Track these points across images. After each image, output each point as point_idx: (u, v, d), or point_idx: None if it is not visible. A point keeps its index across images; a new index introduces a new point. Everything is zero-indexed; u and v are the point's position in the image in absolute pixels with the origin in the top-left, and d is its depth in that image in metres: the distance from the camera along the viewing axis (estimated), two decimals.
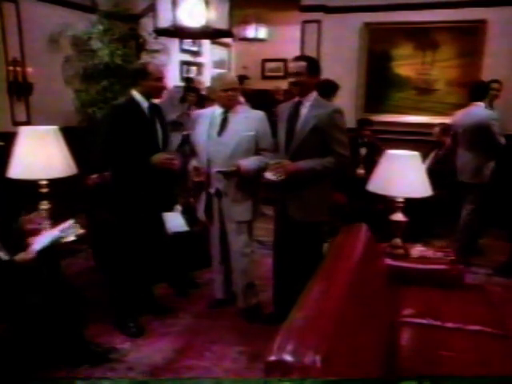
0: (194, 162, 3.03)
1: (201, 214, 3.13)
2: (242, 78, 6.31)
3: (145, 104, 2.87)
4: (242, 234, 3.03)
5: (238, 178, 2.89)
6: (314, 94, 2.80)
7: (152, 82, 2.83)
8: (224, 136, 2.91)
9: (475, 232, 4.31)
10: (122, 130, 2.77)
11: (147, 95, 2.87)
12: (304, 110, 2.77)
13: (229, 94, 2.88)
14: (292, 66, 2.83)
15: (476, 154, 4.08)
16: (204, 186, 3.02)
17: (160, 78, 2.87)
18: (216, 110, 2.99)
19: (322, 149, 2.73)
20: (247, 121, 2.92)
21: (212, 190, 3.00)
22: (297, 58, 2.86)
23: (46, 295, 2.40)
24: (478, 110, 4.12)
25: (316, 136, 2.71)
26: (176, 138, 4.33)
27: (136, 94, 2.86)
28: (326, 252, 2.30)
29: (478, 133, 4.03)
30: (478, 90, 4.23)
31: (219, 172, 2.87)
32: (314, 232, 2.89)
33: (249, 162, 2.87)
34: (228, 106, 2.93)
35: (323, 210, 2.89)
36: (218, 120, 2.94)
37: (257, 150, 2.94)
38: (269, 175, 2.74)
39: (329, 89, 4.34)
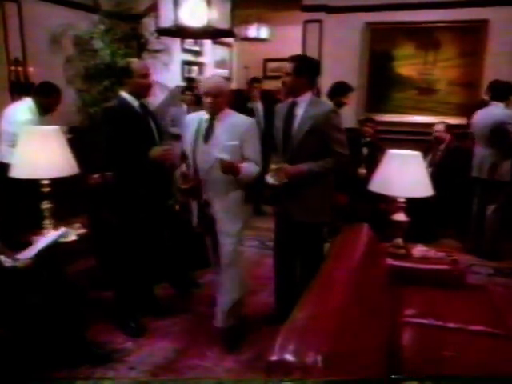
0: (183, 168, 2.85)
1: (195, 222, 2.94)
2: (253, 81, 6.18)
3: (135, 103, 2.87)
4: (230, 246, 2.80)
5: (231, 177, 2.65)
6: (309, 95, 2.80)
7: (137, 79, 2.81)
8: (209, 144, 2.71)
9: (499, 232, 4.31)
10: (119, 132, 2.77)
11: (135, 94, 2.86)
12: (299, 111, 2.77)
13: (206, 101, 2.66)
14: (285, 66, 2.83)
15: (493, 152, 4.17)
16: (191, 193, 2.83)
17: (145, 75, 2.84)
18: (204, 115, 2.78)
19: (320, 149, 2.73)
20: (232, 129, 2.68)
21: (202, 201, 2.82)
22: (289, 58, 2.83)
23: (46, 295, 2.41)
24: (498, 110, 4.18)
25: (314, 136, 2.71)
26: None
27: (125, 94, 2.86)
28: (328, 252, 2.30)
29: (496, 131, 4.11)
30: (499, 90, 4.26)
31: (220, 160, 2.58)
32: (315, 232, 2.89)
33: (244, 164, 2.66)
34: (209, 113, 2.72)
35: (325, 210, 2.89)
36: (205, 126, 2.75)
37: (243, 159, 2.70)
38: (271, 179, 2.73)
39: (339, 90, 4.33)
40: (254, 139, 2.73)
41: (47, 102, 3.76)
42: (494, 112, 4.19)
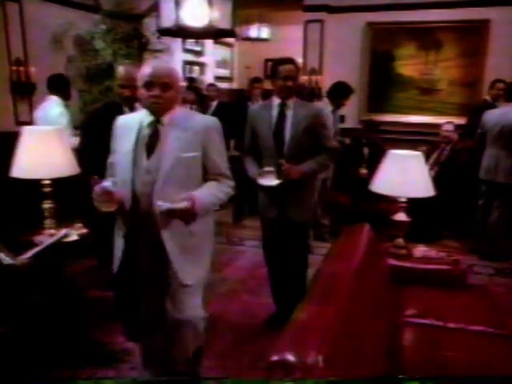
0: (107, 183, 2.02)
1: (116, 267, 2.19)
2: (254, 81, 6.13)
3: (126, 108, 2.77)
4: (188, 301, 2.12)
5: (191, 219, 1.94)
6: (294, 96, 2.84)
7: (116, 87, 2.66)
8: (154, 159, 1.98)
9: (503, 235, 4.28)
10: (96, 134, 2.69)
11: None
12: (290, 112, 2.79)
13: (150, 94, 1.91)
14: (285, 69, 2.72)
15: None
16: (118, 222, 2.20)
17: (122, 86, 2.61)
18: (145, 118, 2.02)
19: (313, 146, 2.82)
20: (188, 135, 1.98)
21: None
22: (287, 62, 2.76)
23: (48, 295, 2.41)
24: None
25: (308, 136, 2.77)
26: None
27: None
28: (328, 252, 2.30)
29: None
30: None
31: (161, 213, 1.90)
32: (305, 229, 3.00)
33: (203, 195, 1.98)
34: (152, 112, 1.98)
35: (312, 207, 3.18)
36: (147, 133, 2.01)
37: (207, 179, 2.06)
38: (268, 181, 2.66)
39: (342, 92, 4.30)
40: (218, 145, 2.07)
41: (67, 90, 4.37)
42: None
